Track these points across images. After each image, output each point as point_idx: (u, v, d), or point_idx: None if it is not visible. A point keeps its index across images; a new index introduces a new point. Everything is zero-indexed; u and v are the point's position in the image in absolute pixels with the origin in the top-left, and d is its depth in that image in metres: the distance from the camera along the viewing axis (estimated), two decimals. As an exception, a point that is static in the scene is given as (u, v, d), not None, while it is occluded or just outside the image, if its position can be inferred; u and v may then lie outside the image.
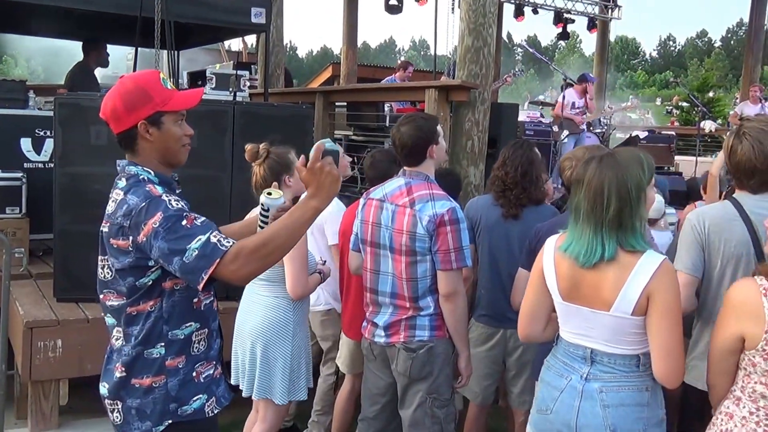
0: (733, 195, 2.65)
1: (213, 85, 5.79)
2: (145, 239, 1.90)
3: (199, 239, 1.85)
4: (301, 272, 3.19)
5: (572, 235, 2.23)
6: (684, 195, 6.73)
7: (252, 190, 3.30)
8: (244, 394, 3.34)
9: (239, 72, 5.81)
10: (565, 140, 9.46)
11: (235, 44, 14.66)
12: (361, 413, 3.24)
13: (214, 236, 1.88)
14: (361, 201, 3.18)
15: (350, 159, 4.38)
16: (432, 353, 2.93)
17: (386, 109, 7.98)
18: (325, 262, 3.57)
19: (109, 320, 2.14)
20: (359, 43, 13.58)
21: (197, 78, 6.35)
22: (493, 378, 3.62)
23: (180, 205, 1.95)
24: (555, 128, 9.49)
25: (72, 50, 8.52)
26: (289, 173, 3.30)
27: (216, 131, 4.64)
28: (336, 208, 3.83)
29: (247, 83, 5.98)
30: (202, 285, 1.87)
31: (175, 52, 6.13)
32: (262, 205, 2.33)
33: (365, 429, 3.19)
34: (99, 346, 2.85)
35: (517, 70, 10.07)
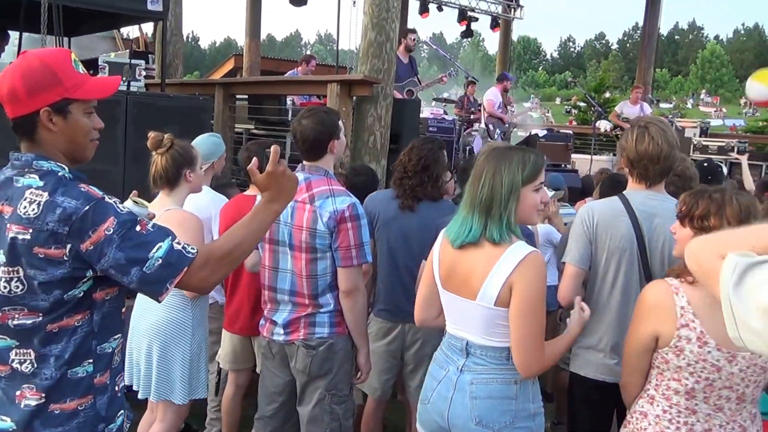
0: (623, 192, 2.76)
1: (106, 74, 5.54)
2: (92, 248, 1.67)
3: (160, 246, 1.69)
4: None
5: (455, 218, 2.31)
6: (579, 192, 6.98)
7: (149, 181, 3.18)
8: (140, 396, 3.22)
9: (134, 61, 5.59)
10: (472, 139, 9.70)
11: (134, 33, 14.13)
12: (257, 412, 3.17)
13: (177, 242, 1.73)
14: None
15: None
16: (332, 350, 2.90)
17: (288, 102, 7.89)
18: None
19: (1, 343, 1.79)
20: (264, 36, 13.38)
21: (89, 66, 6.04)
22: (392, 372, 3.63)
23: (128, 209, 1.76)
24: (458, 125, 9.65)
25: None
26: (191, 168, 3.19)
27: (107, 122, 4.40)
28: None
29: (143, 73, 5.77)
30: (165, 296, 1.73)
31: (65, 38, 5.81)
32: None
33: (262, 428, 3.13)
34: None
35: (452, 70, 10.19)
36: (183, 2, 8.09)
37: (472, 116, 10.72)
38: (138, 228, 1.71)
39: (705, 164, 3.85)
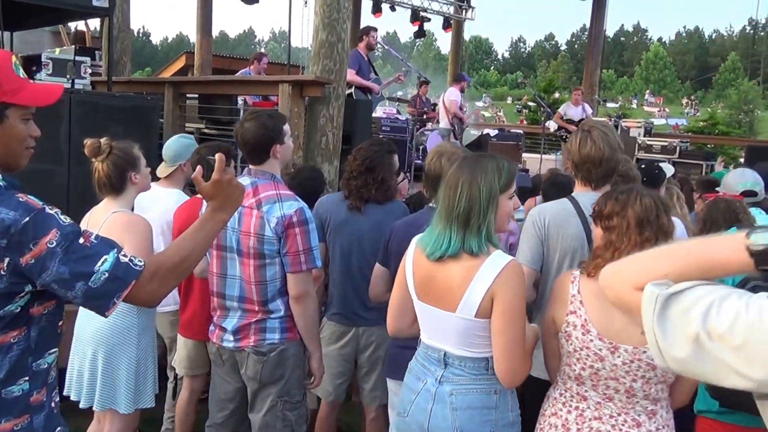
0: (572, 194, 2.81)
1: (49, 71, 5.34)
2: (33, 261, 1.58)
3: (105, 259, 1.62)
4: None
5: (429, 230, 2.27)
6: (529, 191, 7.08)
7: (93, 185, 3.09)
8: (81, 405, 3.14)
9: (79, 58, 5.41)
10: (426, 138, 9.77)
11: (82, 27, 13.73)
12: (208, 419, 3.12)
13: (123, 255, 1.65)
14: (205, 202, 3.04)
15: None
16: (283, 356, 2.87)
17: (240, 102, 7.78)
18: None
19: None
20: (217, 32, 13.20)
21: (31, 63, 5.82)
22: (346, 376, 3.61)
23: (70, 220, 1.67)
24: (411, 124, 9.69)
25: None
26: (135, 170, 3.11)
27: (50, 121, 4.29)
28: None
29: (89, 70, 5.59)
30: (111, 311, 1.65)
31: (6, 33, 5.62)
32: None
33: (213, 435, 3.08)
34: None
35: (407, 69, 10.18)
36: (132, -3, 7.90)
37: (425, 116, 10.78)
38: (81, 240, 1.63)
39: (642, 166, 3.99)
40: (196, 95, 7.47)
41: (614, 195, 2.22)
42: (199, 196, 3.57)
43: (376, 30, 7.66)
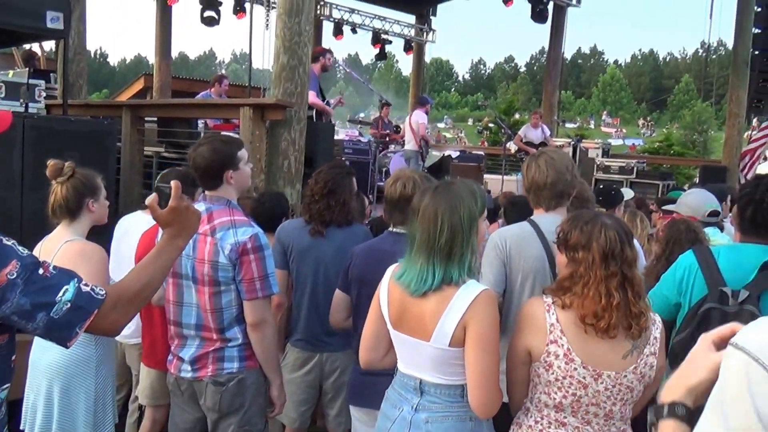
0: (531, 217, 2.85)
1: (2, 95, 5.23)
2: None
3: (66, 289, 1.60)
4: None
5: (407, 264, 2.24)
6: (493, 212, 7.13)
7: (48, 211, 3.00)
8: (37, 439, 3.02)
9: (33, 81, 5.30)
10: (389, 160, 9.82)
11: (37, 49, 13.48)
12: (168, 452, 3.03)
13: (84, 284, 1.63)
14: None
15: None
16: (242, 385, 2.81)
17: (200, 125, 7.71)
18: None
19: None
20: (177, 54, 13.09)
21: (-18, 86, 5.70)
22: (310, 403, 3.56)
23: (27, 251, 1.64)
24: (374, 146, 9.71)
25: None
26: (93, 197, 3.04)
27: (2, 146, 4.19)
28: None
29: (43, 93, 5.48)
30: (73, 341, 1.62)
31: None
32: None
33: (173, 467, 2.99)
34: None
35: (372, 90, 10.19)
36: (87, 19, 7.76)
37: (387, 138, 10.83)
38: (41, 271, 1.60)
39: (601, 187, 4.09)
40: (155, 118, 7.37)
41: (579, 224, 2.20)
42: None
43: (331, 52, 7.67)
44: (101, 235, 3.39)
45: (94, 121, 4.98)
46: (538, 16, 14.88)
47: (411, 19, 18.45)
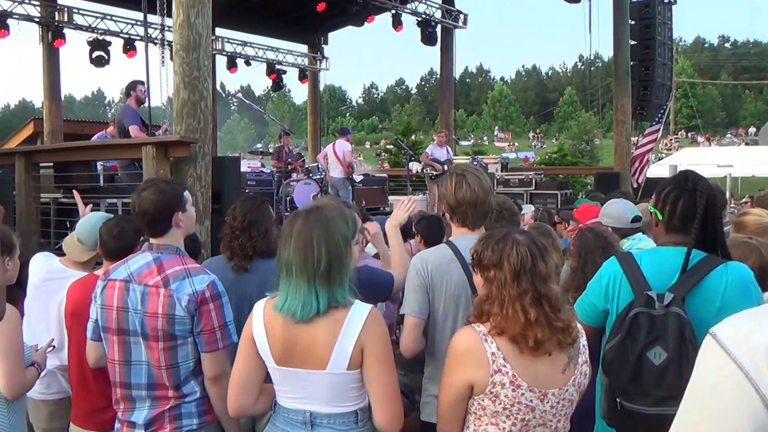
0: (450, 238, 2.87)
1: None
2: None
3: None
4: (16, 367, 2.73)
5: (286, 292, 2.17)
6: (404, 232, 7.25)
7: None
8: None
9: None
10: (292, 189, 9.89)
11: None
12: None
13: None
14: (99, 283, 2.78)
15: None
16: None
17: (99, 167, 7.49)
18: (53, 340, 3.14)
19: None
20: (63, 96, 12.61)
21: None
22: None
23: None
24: (276, 176, 9.71)
25: None
26: (9, 256, 2.93)
27: None
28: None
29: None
30: None
31: None
32: None
33: None
34: None
35: (168, 122, 9.99)
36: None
37: (290, 166, 10.86)
38: None
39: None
40: (51, 163, 7.11)
41: (491, 243, 2.19)
42: (96, 272, 3.35)
43: (143, 83, 7.36)
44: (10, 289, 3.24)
45: (-12, 171, 4.77)
46: (428, 38, 15.41)
47: (304, 48, 18.62)
